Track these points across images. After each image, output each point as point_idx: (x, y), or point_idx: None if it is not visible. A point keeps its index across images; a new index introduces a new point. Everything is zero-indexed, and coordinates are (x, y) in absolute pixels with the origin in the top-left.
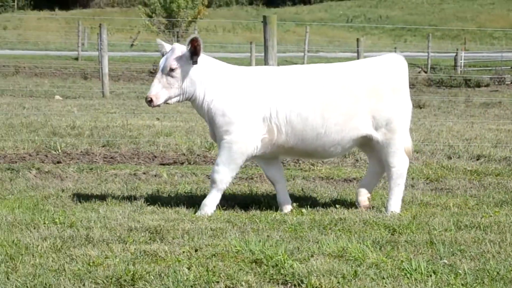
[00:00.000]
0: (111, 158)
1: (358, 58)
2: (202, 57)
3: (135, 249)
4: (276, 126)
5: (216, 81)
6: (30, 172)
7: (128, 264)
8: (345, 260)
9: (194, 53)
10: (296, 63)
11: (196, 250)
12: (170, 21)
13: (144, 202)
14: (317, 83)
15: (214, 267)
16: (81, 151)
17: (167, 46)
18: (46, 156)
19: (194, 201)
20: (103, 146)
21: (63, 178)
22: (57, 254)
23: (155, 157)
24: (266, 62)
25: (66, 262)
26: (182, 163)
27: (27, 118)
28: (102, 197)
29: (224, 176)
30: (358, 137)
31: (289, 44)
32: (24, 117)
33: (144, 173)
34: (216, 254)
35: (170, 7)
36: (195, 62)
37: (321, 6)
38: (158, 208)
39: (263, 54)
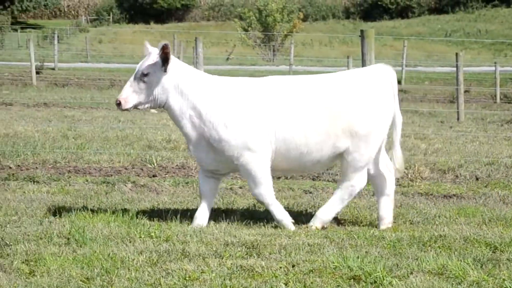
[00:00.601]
0: None
1: (457, 73)
2: (180, 65)
3: (231, 264)
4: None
5: (196, 93)
6: (126, 186)
7: (224, 279)
8: (445, 278)
9: (164, 60)
10: None
11: (293, 266)
12: (265, 35)
13: (240, 217)
14: (299, 99)
15: (311, 283)
16: (177, 165)
17: (150, 50)
18: (142, 169)
19: (291, 215)
20: None
21: (159, 192)
22: (153, 268)
23: None
24: None
25: (162, 277)
26: (279, 178)
27: (123, 132)
28: (194, 211)
29: (263, 191)
30: (338, 154)
31: (387, 59)
32: (119, 130)
33: (240, 188)
34: (313, 270)
35: (265, 20)
36: (165, 70)
37: (419, 20)
38: (255, 223)
39: None
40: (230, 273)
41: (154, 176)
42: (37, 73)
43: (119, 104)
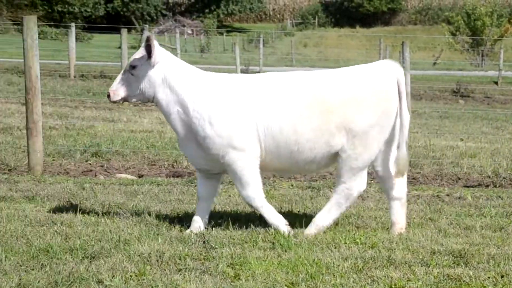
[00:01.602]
0: (413, 178)
1: None
2: (169, 59)
3: (438, 272)
4: (258, 140)
5: (183, 88)
6: (331, 191)
7: None
8: None
9: (148, 53)
10: None
11: (502, 276)
12: (474, 40)
13: (447, 225)
14: (290, 95)
15: None
16: None
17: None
18: None
19: (499, 225)
20: None
21: (364, 198)
22: (358, 275)
23: (459, 179)
24: None
25: (367, 284)
26: (487, 186)
27: None
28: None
29: (251, 193)
30: (334, 153)
31: None
32: None
33: (447, 195)
34: None
35: (474, 25)
36: (151, 63)
37: None
38: (462, 232)
39: None
40: (436, 282)
41: None
42: None
43: (108, 96)
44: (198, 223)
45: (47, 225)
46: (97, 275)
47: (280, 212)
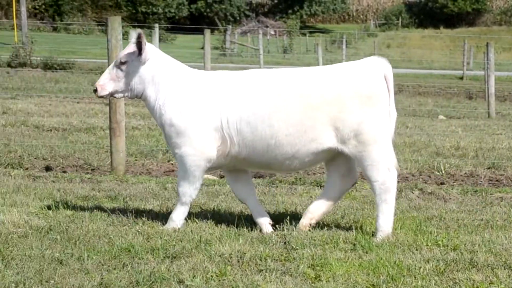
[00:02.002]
0: (497, 180)
1: None
2: (159, 56)
3: None
4: (228, 136)
5: (168, 84)
6: (413, 193)
7: None
8: None
9: (139, 49)
10: None
11: None
12: None
13: None
14: (267, 90)
15: None
16: (465, 173)
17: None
18: (429, 176)
19: None
20: (488, 168)
21: (447, 200)
22: (440, 277)
23: None
24: None
25: (449, 286)
26: None
27: (410, 138)
28: (486, 221)
29: (186, 189)
30: (319, 151)
31: None
32: (407, 136)
33: None
34: None
35: None
36: (141, 60)
37: None
38: None
39: None
40: None
41: (442, 183)
42: None
43: (95, 90)
44: (261, 223)
45: (129, 225)
46: (178, 275)
47: (361, 214)
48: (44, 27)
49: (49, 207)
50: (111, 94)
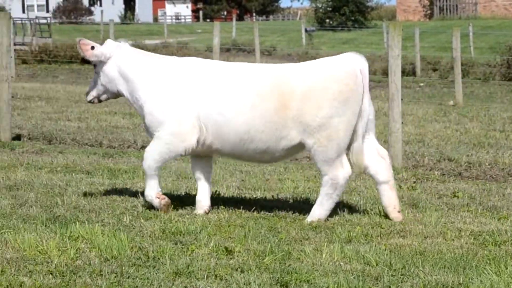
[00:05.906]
0: None
1: None
2: (123, 52)
3: None
4: (205, 126)
5: (140, 77)
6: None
7: None
8: None
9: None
10: None
11: None
12: None
13: None
14: (243, 85)
15: None
16: None
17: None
18: None
19: None
20: None
21: None
22: None
23: None
24: None
25: None
26: None
27: None
28: None
29: (150, 163)
30: (289, 147)
31: None
32: None
33: None
34: None
35: None
36: (102, 60)
37: None
38: None
39: None
40: None
41: None
42: None
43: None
44: (203, 202)
45: None
46: None
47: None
48: None
49: None
50: (97, 98)
